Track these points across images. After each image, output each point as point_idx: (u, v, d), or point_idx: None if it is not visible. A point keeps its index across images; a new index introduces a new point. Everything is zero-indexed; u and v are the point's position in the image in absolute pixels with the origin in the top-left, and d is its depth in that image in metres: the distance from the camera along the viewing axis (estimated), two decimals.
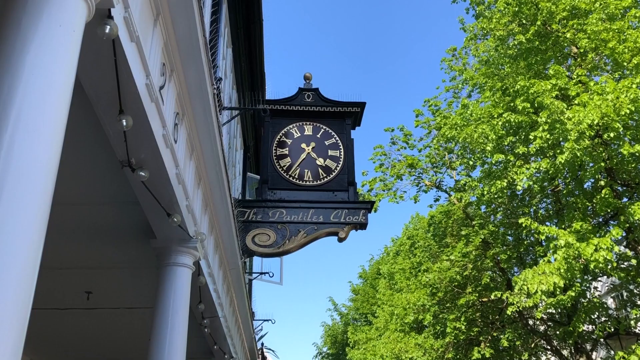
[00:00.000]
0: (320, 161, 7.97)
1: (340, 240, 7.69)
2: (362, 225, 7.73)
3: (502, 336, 13.78)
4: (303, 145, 8.02)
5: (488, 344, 13.79)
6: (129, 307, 6.30)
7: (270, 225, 7.47)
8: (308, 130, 8.14)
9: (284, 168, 7.85)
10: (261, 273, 11.16)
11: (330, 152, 8.03)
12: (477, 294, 13.99)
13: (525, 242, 13.83)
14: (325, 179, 7.88)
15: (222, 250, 6.28)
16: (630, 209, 9.02)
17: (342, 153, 8.06)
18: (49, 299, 5.96)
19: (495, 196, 12.40)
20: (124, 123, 2.77)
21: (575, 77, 10.53)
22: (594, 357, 14.82)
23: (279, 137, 8.03)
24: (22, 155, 1.80)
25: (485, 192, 12.36)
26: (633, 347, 9.13)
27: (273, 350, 26.64)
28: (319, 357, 30.40)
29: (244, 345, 9.72)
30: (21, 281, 1.74)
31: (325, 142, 8.10)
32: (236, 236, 6.06)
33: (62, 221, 4.30)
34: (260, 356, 13.02)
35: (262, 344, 14.16)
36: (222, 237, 5.98)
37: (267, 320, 13.08)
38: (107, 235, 4.66)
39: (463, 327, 13.73)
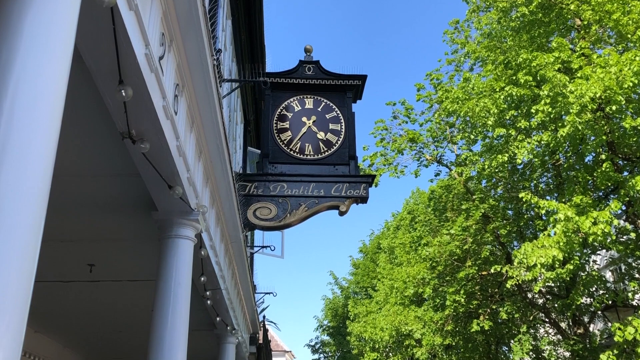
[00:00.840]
0: (321, 135, 7.95)
1: (341, 214, 7.72)
2: (363, 199, 7.75)
3: (501, 309, 13.93)
4: (304, 119, 7.99)
5: (487, 317, 13.95)
6: (131, 279, 6.35)
7: (271, 199, 7.49)
8: (309, 103, 8.09)
9: (285, 142, 7.83)
10: (262, 247, 11.24)
11: (331, 126, 8.01)
12: (476, 268, 14.10)
13: (525, 217, 13.88)
14: (326, 153, 7.87)
15: (224, 223, 6.31)
16: (630, 183, 9.03)
17: (343, 127, 8.03)
18: (51, 271, 6.01)
19: (496, 170, 12.41)
20: (124, 94, 2.75)
21: (579, 49, 10.43)
22: (591, 329, 15.01)
23: (279, 110, 7.99)
24: (22, 125, 1.79)
25: (486, 167, 12.36)
26: (630, 318, 9.23)
27: (274, 323, 26.94)
28: (320, 329, 30.78)
29: (246, 317, 9.83)
30: (24, 253, 1.74)
31: (326, 115, 8.07)
32: (237, 209, 6.08)
33: (63, 194, 4.30)
34: (261, 329, 13.18)
35: (264, 317, 14.33)
36: (223, 211, 6.00)
37: (269, 293, 13.22)
38: (108, 208, 4.67)
39: (462, 300, 13.87)
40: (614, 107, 8.96)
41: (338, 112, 8.10)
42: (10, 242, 1.69)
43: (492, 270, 13.04)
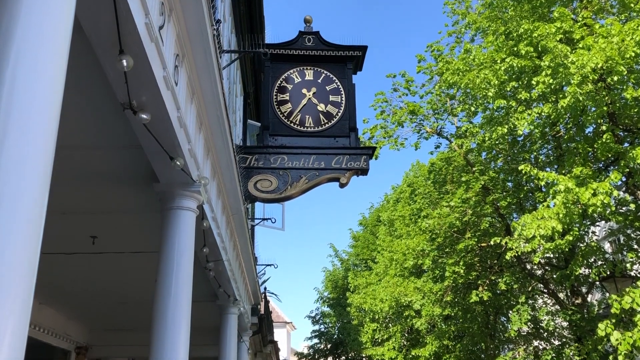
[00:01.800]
0: (321, 107, 7.92)
1: (342, 186, 7.74)
2: (364, 171, 7.76)
3: (500, 280, 14.08)
4: (304, 91, 7.96)
5: (486, 288, 14.10)
6: (134, 251, 6.40)
7: (272, 172, 7.50)
8: (309, 75, 8.05)
9: (285, 114, 7.81)
10: (263, 219, 11.30)
11: (331, 98, 7.97)
12: (476, 239, 14.20)
13: (525, 188, 13.92)
14: (327, 125, 7.86)
15: (225, 195, 6.33)
16: (631, 154, 9.04)
17: (343, 98, 8.00)
18: (54, 243, 6.05)
19: (496, 142, 12.40)
20: (125, 63, 2.74)
21: (581, 19, 10.32)
22: (589, 299, 15.19)
23: (279, 82, 7.95)
24: (24, 97, 1.79)
25: (486, 139, 12.36)
26: (627, 289, 9.33)
27: (275, 295, 27.20)
28: (320, 301, 31.13)
29: (248, 289, 9.94)
30: (30, 225, 1.76)
31: (327, 87, 8.03)
32: (238, 181, 6.10)
33: (65, 166, 4.31)
34: (263, 300, 13.34)
35: (265, 289, 14.49)
36: (224, 183, 6.02)
37: (270, 265, 13.34)
38: (110, 180, 4.69)
39: (462, 271, 14.00)
40: (615, 78, 8.91)
41: (338, 83, 8.06)
42: (15, 215, 1.70)
43: (491, 242, 13.13)
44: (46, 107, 1.86)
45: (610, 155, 10.19)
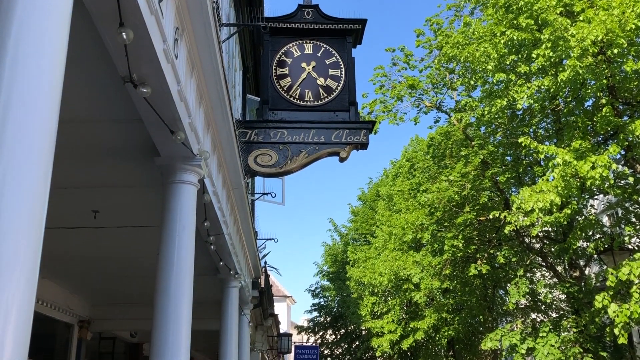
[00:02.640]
0: (320, 81, 7.89)
1: (342, 160, 7.76)
2: (363, 145, 7.77)
3: (498, 253, 14.19)
4: (303, 65, 7.92)
5: (484, 261, 14.23)
6: (135, 225, 6.44)
7: (271, 146, 7.51)
8: (308, 48, 8.00)
9: (285, 88, 7.78)
10: (263, 193, 11.34)
11: (331, 72, 7.94)
12: (474, 213, 14.28)
13: (524, 163, 13.95)
14: (326, 99, 7.84)
15: (225, 170, 6.35)
16: (630, 127, 9.04)
17: (342, 72, 7.96)
18: (56, 218, 6.09)
19: (496, 116, 12.38)
20: (125, 36, 2.74)
21: None
22: (587, 272, 15.35)
23: (278, 56, 7.90)
24: (26, 70, 1.80)
25: (486, 112, 12.33)
26: (624, 261, 9.43)
27: (276, 269, 27.34)
28: (320, 275, 31.41)
29: (248, 262, 10.03)
30: (34, 200, 1.77)
31: (326, 61, 7.99)
32: (238, 156, 6.11)
33: (66, 140, 4.31)
34: (263, 274, 13.47)
35: (265, 263, 14.61)
36: (224, 157, 6.03)
37: (270, 239, 13.43)
38: (111, 154, 4.71)
39: (460, 244, 14.11)
40: (615, 51, 8.86)
41: (338, 57, 8.01)
42: (19, 189, 1.72)
43: (490, 216, 13.21)
44: (48, 82, 1.87)
45: (609, 129, 10.19)
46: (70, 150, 4.54)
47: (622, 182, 11.59)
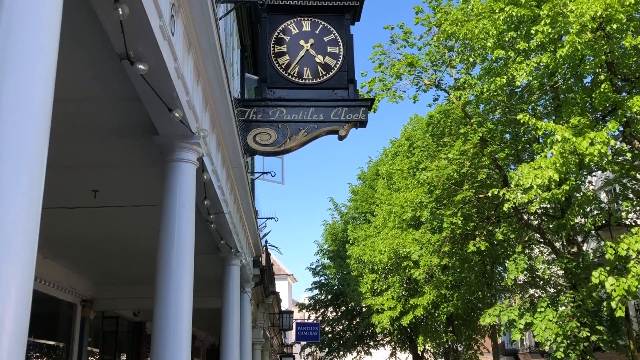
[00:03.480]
0: (319, 58, 7.85)
1: (341, 138, 7.76)
2: (362, 123, 7.76)
3: (497, 230, 14.28)
4: (301, 42, 7.87)
5: (483, 238, 14.32)
6: (136, 204, 6.48)
7: (270, 125, 7.51)
8: (306, 26, 7.94)
9: (283, 66, 7.75)
10: (263, 173, 11.37)
11: (329, 49, 7.89)
12: (473, 191, 14.33)
13: (523, 140, 13.96)
14: (325, 77, 7.81)
15: (225, 148, 6.36)
16: (629, 103, 9.03)
17: (341, 50, 7.92)
18: (56, 198, 6.11)
19: (495, 94, 12.36)
20: (121, 12, 2.73)
21: None
22: (584, 248, 15.46)
23: (276, 34, 7.85)
24: (20, 47, 1.80)
25: (485, 90, 12.30)
26: (622, 236, 9.50)
27: (276, 247, 27.60)
28: (320, 253, 31.61)
29: (249, 241, 10.09)
30: (30, 180, 1.78)
31: (324, 38, 7.94)
32: (237, 134, 6.12)
33: (64, 119, 4.32)
34: (264, 252, 13.57)
35: (266, 242, 14.72)
36: (223, 136, 6.04)
37: (270, 218, 13.52)
38: (110, 133, 4.71)
39: (459, 222, 14.19)
40: (614, 26, 8.81)
41: (336, 34, 7.96)
42: (15, 170, 1.73)
43: (489, 194, 13.26)
44: (43, 59, 1.87)
45: (608, 105, 10.18)
46: (69, 130, 4.55)
47: (620, 158, 11.62)
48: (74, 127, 4.56)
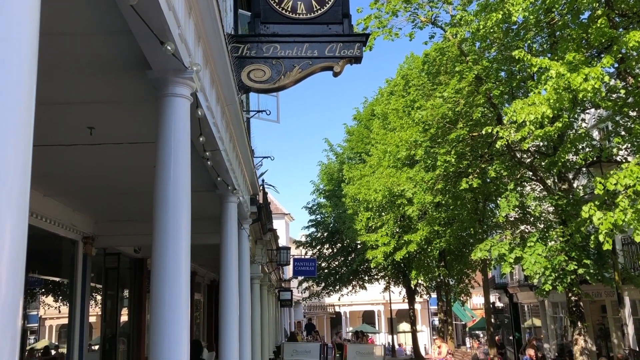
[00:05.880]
0: None
1: (336, 74, 7.73)
2: (357, 59, 7.72)
3: (489, 168, 14.47)
4: None
5: (476, 176, 14.52)
6: (132, 142, 6.53)
7: (264, 61, 7.46)
8: None
9: (276, 0, 7.62)
10: (258, 111, 11.36)
11: None
12: (467, 129, 14.41)
13: (518, 77, 13.91)
14: (319, 11, 7.70)
15: (219, 85, 6.36)
16: (625, 38, 8.97)
17: None
18: (52, 135, 6.14)
19: (491, 30, 12.21)
20: None
21: None
22: (575, 185, 15.72)
23: None
24: None
25: (481, 27, 12.14)
26: (611, 171, 9.67)
27: (273, 186, 27.75)
28: (316, 193, 31.99)
29: (246, 179, 10.22)
30: (18, 115, 1.81)
31: None
32: (231, 70, 6.10)
33: (56, 54, 4.32)
34: (261, 191, 13.76)
35: (263, 181, 14.87)
36: (217, 72, 6.03)
37: (267, 157, 13.60)
38: (102, 68, 4.71)
39: (453, 160, 14.35)
40: None
41: None
42: (2, 106, 1.75)
43: (482, 132, 13.35)
44: None
45: (604, 41, 10.11)
46: (60, 65, 4.55)
47: (613, 96, 11.64)
48: (64, 62, 4.56)
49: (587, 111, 15.06)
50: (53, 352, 10.29)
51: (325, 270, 32.32)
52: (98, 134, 6.17)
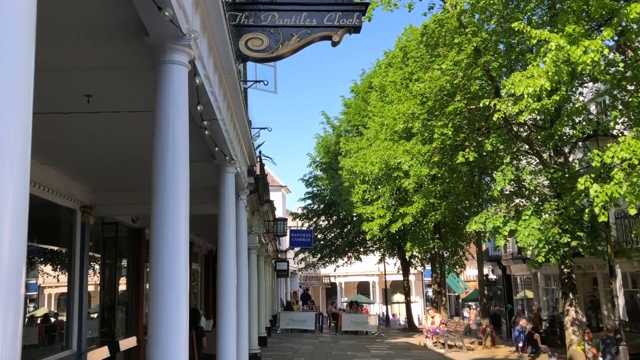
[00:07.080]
0: None
1: (334, 44, 7.68)
2: (356, 29, 7.66)
3: (486, 141, 14.48)
4: None
5: (472, 149, 14.55)
6: (130, 110, 6.51)
7: (262, 30, 7.40)
8: None
9: None
10: (255, 81, 11.30)
11: None
12: (465, 102, 14.37)
13: (517, 50, 13.82)
14: None
15: (216, 54, 6.32)
16: (625, 10, 8.90)
17: None
18: (49, 103, 6.12)
19: (491, 2, 12.08)
20: None
21: None
22: (570, 159, 15.77)
23: None
24: None
25: None
26: (608, 144, 9.70)
27: (270, 158, 27.75)
28: (313, 165, 32.02)
29: (243, 150, 10.22)
30: (18, 84, 1.81)
31: None
32: (229, 38, 6.05)
33: (52, 19, 4.27)
34: (258, 162, 13.78)
35: (260, 152, 14.88)
36: (214, 40, 5.98)
37: (264, 128, 13.60)
38: (99, 34, 4.67)
39: (450, 133, 14.36)
40: None
41: None
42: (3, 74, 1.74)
43: (480, 104, 13.32)
44: None
45: (604, 13, 10.03)
46: (57, 31, 4.51)
47: (612, 69, 11.61)
48: (61, 28, 4.51)
49: (585, 85, 15.02)
50: (52, 319, 10.42)
51: (322, 242, 32.59)
52: (95, 102, 6.15)
